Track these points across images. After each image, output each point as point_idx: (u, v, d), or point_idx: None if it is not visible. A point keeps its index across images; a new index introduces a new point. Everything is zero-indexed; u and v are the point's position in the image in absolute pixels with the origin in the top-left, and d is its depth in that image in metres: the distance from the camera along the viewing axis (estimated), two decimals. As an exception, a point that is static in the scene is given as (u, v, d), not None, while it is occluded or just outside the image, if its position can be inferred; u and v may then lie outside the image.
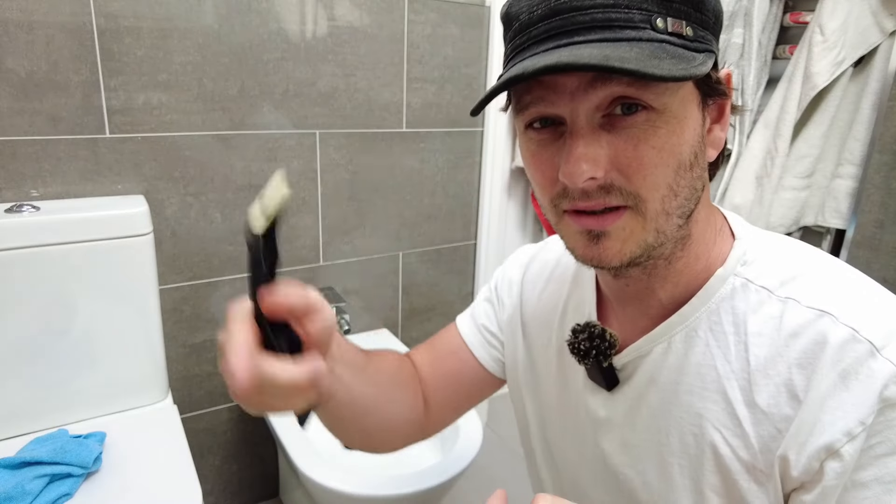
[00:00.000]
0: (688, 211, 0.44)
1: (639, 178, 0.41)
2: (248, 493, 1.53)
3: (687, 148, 0.42)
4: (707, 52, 0.42)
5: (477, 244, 1.69)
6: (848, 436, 0.40)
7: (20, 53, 1.03)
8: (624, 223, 0.43)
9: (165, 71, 1.15)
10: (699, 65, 0.40)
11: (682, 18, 0.41)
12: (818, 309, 0.43)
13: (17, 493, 0.87)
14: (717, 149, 0.47)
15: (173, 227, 1.24)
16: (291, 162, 1.34)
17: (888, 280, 1.24)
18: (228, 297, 1.35)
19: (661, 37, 0.40)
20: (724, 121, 0.47)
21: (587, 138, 0.41)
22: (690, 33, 0.41)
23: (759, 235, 0.50)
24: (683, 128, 0.42)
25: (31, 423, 1.07)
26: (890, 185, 1.21)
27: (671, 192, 0.42)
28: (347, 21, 1.32)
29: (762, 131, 1.36)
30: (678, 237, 0.46)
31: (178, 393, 1.34)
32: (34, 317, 1.02)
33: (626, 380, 0.53)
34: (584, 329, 0.53)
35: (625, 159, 0.41)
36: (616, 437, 0.54)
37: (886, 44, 1.22)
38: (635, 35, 0.39)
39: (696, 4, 0.41)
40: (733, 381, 0.46)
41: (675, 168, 0.42)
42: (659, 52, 0.39)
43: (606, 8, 0.39)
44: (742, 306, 0.46)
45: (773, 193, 1.36)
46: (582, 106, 0.41)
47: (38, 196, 1.10)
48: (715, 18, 0.44)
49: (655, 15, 0.40)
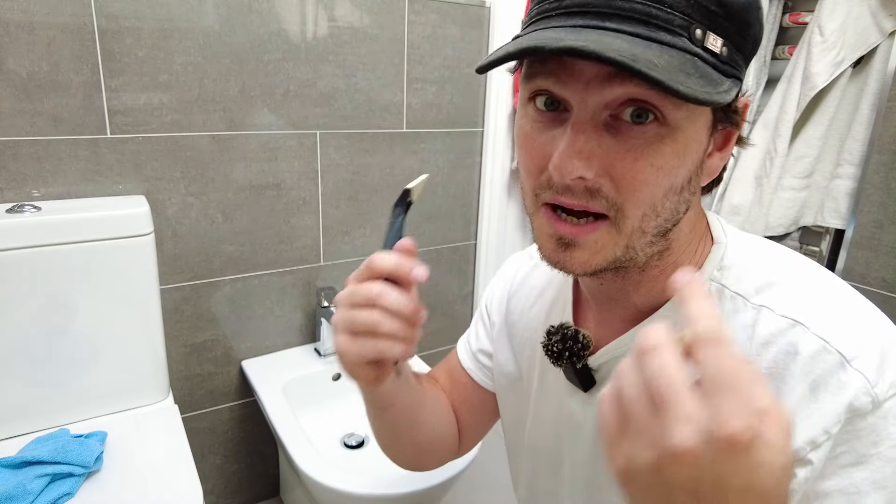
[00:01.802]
0: (664, 230, 0.43)
1: (628, 192, 0.40)
2: (249, 493, 1.53)
3: (684, 171, 0.41)
4: (735, 78, 0.40)
5: (477, 244, 1.69)
6: (812, 444, 0.40)
7: (21, 54, 1.03)
8: (598, 237, 0.41)
9: (166, 71, 1.15)
10: (724, 92, 0.37)
11: (722, 36, 0.38)
12: (791, 318, 0.43)
13: (18, 493, 0.87)
14: (710, 176, 0.45)
15: (174, 227, 1.25)
16: (292, 162, 1.34)
17: (887, 280, 1.24)
18: (229, 296, 1.35)
19: (696, 49, 0.37)
20: (726, 150, 0.45)
21: (588, 134, 0.39)
22: (725, 53, 0.39)
23: (737, 240, 0.49)
24: (687, 150, 0.40)
25: (32, 422, 1.07)
26: (889, 186, 1.21)
27: (653, 211, 0.41)
28: (348, 22, 1.32)
29: (761, 131, 1.36)
30: (652, 252, 0.45)
31: (179, 392, 1.34)
32: (36, 317, 1.02)
33: (602, 381, 0.53)
34: (557, 331, 0.53)
35: (620, 169, 0.39)
36: (593, 437, 0.54)
37: (885, 44, 1.22)
38: (670, 39, 0.37)
39: (740, 26, 0.39)
40: None
41: (665, 189, 0.40)
42: (689, 66, 0.36)
43: (649, 2, 0.37)
44: None
45: (772, 193, 1.36)
46: (593, 98, 0.38)
47: (40, 196, 1.10)
48: (752, 45, 0.41)
49: (696, 25, 0.37)
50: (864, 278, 1.27)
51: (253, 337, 1.41)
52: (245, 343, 1.41)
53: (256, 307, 1.39)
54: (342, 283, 1.56)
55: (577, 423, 0.55)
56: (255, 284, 1.38)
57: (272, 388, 1.30)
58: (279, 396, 1.27)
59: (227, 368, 1.40)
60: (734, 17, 0.38)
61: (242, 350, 1.41)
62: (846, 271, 1.30)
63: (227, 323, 1.37)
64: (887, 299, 1.23)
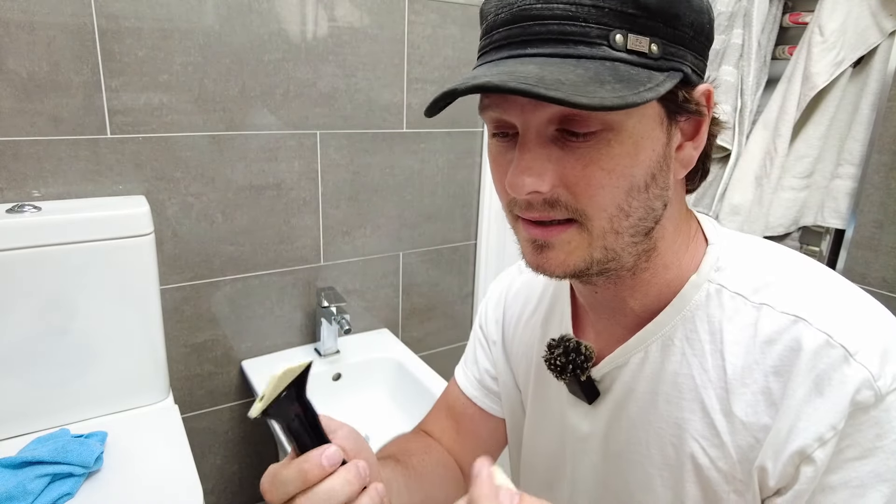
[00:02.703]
0: (644, 229, 0.43)
1: (585, 198, 0.41)
2: (249, 493, 1.53)
3: (641, 169, 0.41)
4: (673, 70, 0.40)
5: (477, 244, 1.69)
6: (819, 441, 0.40)
7: (22, 54, 1.03)
8: (569, 237, 0.42)
9: (166, 71, 1.15)
10: (649, 89, 0.37)
11: (648, 35, 0.38)
12: (792, 314, 0.43)
13: (18, 493, 0.87)
14: (686, 167, 0.45)
15: (174, 227, 1.24)
16: (292, 162, 1.34)
17: (887, 280, 1.24)
18: (229, 296, 1.35)
19: (617, 55, 0.38)
20: (698, 138, 0.44)
21: (534, 152, 0.41)
22: (656, 50, 0.39)
23: (732, 240, 0.49)
24: (639, 149, 0.40)
25: (33, 422, 1.07)
26: (889, 186, 1.21)
27: (621, 212, 0.41)
28: (348, 22, 1.32)
29: (761, 132, 1.36)
30: (638, 252, 0.45)
31: (179, 392, 1.34)
32: (36, 317, 1.02)
33: (605, 391, 0.52)
34: (559, 344, 0.52)
35: (573, 178, 0.40)
36: (599, 450, 0.53)
37: (885, 44, 1.22)
38: (588, 52, 0.38)
39: (668, 19, 0.39)
40: (710, 391, 0.45)
41: (625, 190, 0.41)
42: (606, 73, 0.37)
43: (564, 20, 0.38)
44: (717, 313, 0.46)
45: (772, 193, 1.36)
46: (532, 120, 0.40)
47: (40, 196, 1.10)
48: (695, 32, 0.41)
49: (615, 31, 0.38)
50: (865, 278, 1.27)
51: (253, 337, 1.41)
52: (245, 343, 1.41)
53: (256, 307, 1.39)
54: (343, 282, 1.56)
55: (581, 435, 0.54)
56: (255, 284, 1.38)
57: (272, 389, 1.30)
58: (279, 396, 1.27)
59: (228, 368, 1.40)
60: (657, 14, 0.39)
61: (242, 350, 1.41)
62: (846, 271, 1.30)
63: (228, 323, 1.37)
64: (888, 299, 1.23)
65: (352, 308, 1.53)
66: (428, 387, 1.33)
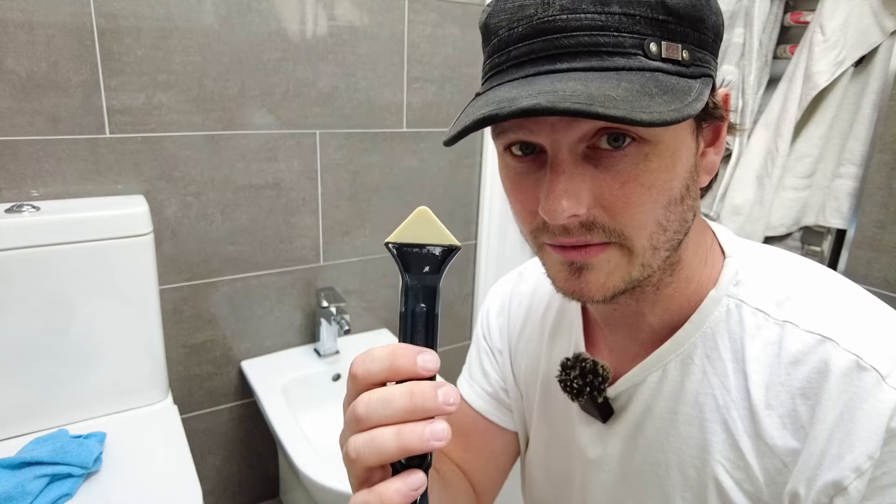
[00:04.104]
0: (677, 242, 0.42)
1: (625, 217, 0.38)
2: (249, 493, 1.53)
3: (678, 182, 0.39)
4: (704, 76, 0.39)
5: (477, 244, 1.69)
6: (857, 472, 0.38)
7: (20, 53, 1.03)
8: (609, 256, 0.40)
9: (166, 71, 1.15)
10: (695, 99, 0.36)
11: (679, 41, 0.37)
12: (818, 334, 0.41)
13: (17, 494, 0.87)
14: (710, 174, 0.44)
15: (173, 227, 1.24)
16: (291, 162, 1.34)
17: (889, 280, 1.23)
18: (228, 297, 1.35)
19: (655, 64, 0.36)
20: (719, 143, 0.43)
21: (569, 173, 0.38)
22: (687, 57, 0.37)
23: (750, 252, 0.48)
24: (676, 161, 0.39)
25: (32, 423, 1.07)
26: (891, 185, 1.21)
27: (660, 227, 0.40)
28: (347, 21, 1.32)
29: (763, 131, 1.36)
30: (666, 266, 0.43)
31: (178, 393, 1.34)
32: (34, 317, 1.02)
33: (620, 410, 0.50)
34: (574, 364, 0.50)
35: (611, 197, 0.38)
36: (614, 470, 0.52)
37: (887, 43, 1.22)
38: (625, 63, 0.35)
39: (694, 23, 0.37)
40: (734, 412, 0.44)
41: (664, 205, 0.39)
42: (651, 85, 0.35)
43: (594, 31, 0.35)
44: (738, 330, 0.44)
45: (773, 193, 1.36)
46: (564, 139, 0.38)
47: (39, 196, 1.10)
48: (715, 36, 0.40)
49: (649, 39, 0.36)
50: (866, 278, 1.26)
51: (252, 337, 1.41)
52: (244, 343, 1.40)
53: (256, 307, 1.39)
54: (342, 282, 1.56)
55: (594, 455, 0.53)
56: (254, 284, 1.37)
57: (272, 389, 1.29)
58: (279, 397, 1.27)
59: (227, 369, 1.40)
60: (685, 19, 0.37)
61: (242, 350, 1.41)
62: (848, 271, 1.29)
63: (227, 323, 1.37)
64: (889, 300, 1.22)
65: (351, 308, 1.53)
66: (428, 387, 1.32)
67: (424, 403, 0.31)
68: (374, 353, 0.33)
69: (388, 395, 0.32)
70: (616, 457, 0.51)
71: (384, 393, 0.32)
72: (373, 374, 0.33)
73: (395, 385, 0.32)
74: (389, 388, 0.32)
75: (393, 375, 0.32)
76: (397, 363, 0.32)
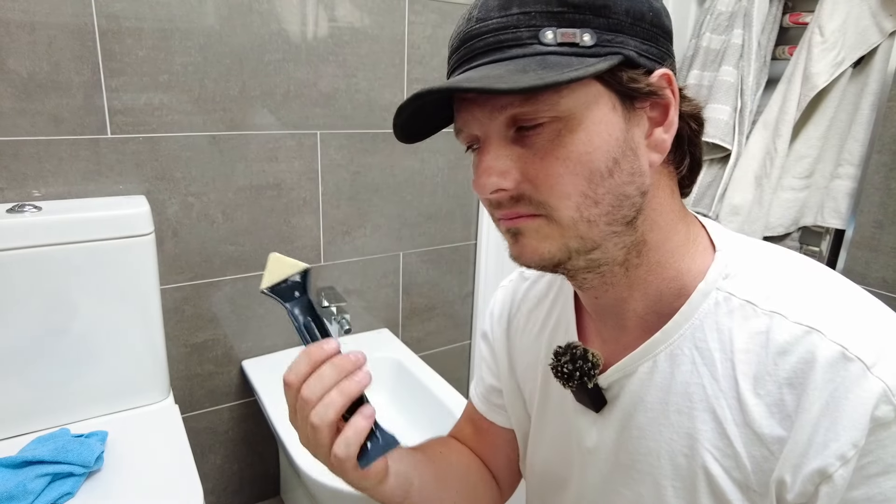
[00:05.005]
0: (622, 217, 0.44)
1: (546, 189, 0.42)
2: (249, 492, 1.53)
3: (600, 155, 0.42)
4: (612, 54, 0.41)
5: (477, 244, 1.69)
6: (842, 459, 0.39)
7: (22, 54, 1.03)
8: (538, 225, 0.44)
9: (167, 71, 1.15)
10: (577, 69, 0.39)
11: (578, 27, 0.40)
12: (805, 325, 0.42)
13: (18, 493, 0.87)
14: (660, 152, 0.45)
15: (174, 227, 1.25)
16: (292, 162, 1.34)
17: (887, 280, 1.24)
18: (229, 296, 1.35)
19: (548, 49, 0.40)
20: (668, 122, 0.44)
21: (494, 152, 0.43)
22: (588, 40, 0.40)
23: (740, 246, 0.49)
24: (591, 135, 0.41)
25: (33, 422, 1.07)
26: (889, 186, 1.21)
27: (587, 199, 0.42)
28: (348, 22, 1.32)
29: (761, 132, 1.36)
30: (625, 245, 0.45)
31: (180, 392, 1.34)
32: (36, 316, 1.03)
33: (613, 400, 0.52)
34: (565, 351, 0.52)
35: (533, 171, 0.42)
36: (609, 459, 0.53)
37: (885, 44, 1.22)
38: (520, 52, 0.41)
39: (597, 10, 0.41)
40: (722, 401, 0.45)
41: (585, 177, 0.42)
42: (533, 64, 0.39)
43: (498, 31, 0.41)
44: (727, 322, 0.45)
45: (772, 194, 1.36)
46: (490, 127, 0.43)
47: (40, 196, 1.11)
48: (633, 18, 0.42)
49: (545, 29, 0.40)
50: (865, 279, 1.27)
51: (253, 337, 1.41)
52: (245, 343, 1.41)
53: (257, 307, 1.40)
54: (343, 282, 1.56)
55: (589, 445, 0.54)
56: (255, 284, 1.38)
57: (272, 388, 1.30)
58: (280, 396, 1.27)
59: (228, 368, 1.40)
60: (583, 7, 0.41)
61: (243, 350, 1.41)
62: (846, 272, 1.30)
63: (228, 323, 1.37)
64: (888, 300, 1.23)
65: (352, 308, 1.53)
66: (428, 387, 1.33)
67: (343, 364, 0.45)
68: (294, 362, 0.46)
69: (318, 373, 0.45)
70: (610, 446, 0.52)
71: (315, 374, 0.45)
72: (301, 373, 0.45)
73: None
74: (317, 370, 0.45)
75: (315, 365, 0.45)
76: (313, 355, 0.45)
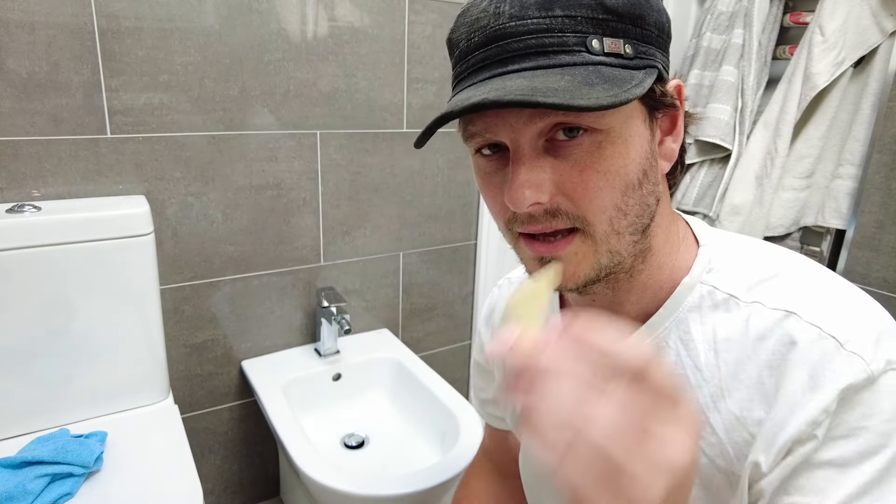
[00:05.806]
0: (641, 227, 0.44)
1: (585, 202, 0.41)
2: (249, 493, 1.53)
3: (634, 167, 0.42)
4: (649, 67, 0.41)
5: (477, 244, 1.69)
6: (812, 425, 0.40)
7: (22, 54, 1.03)
8: (575, 248, 0.43)
9: (166, 71, 1.15)
10: (635, 86, 0.39)
11: (621, 37, 0.40)
12: (783, 310, 0.43)
13: (18, 493, 0.87)
14: (669, 160, 0.46)
15: (174, 227, 1.24)
16: (292, 162, 1.34)
17: (888, 280, 1.24)
18: (229, 296, 1.35)
19: (598, 59, 0.39)
20: (676, 132, 0.46)
21: (529, 164, 0.41)
22: (630, 51, 0.40)
23: (724, 241, 0.50)
24: (629, 148, 0.42)
25: (32, 422, 1.07)
26: (890, 186, 1.21)
27: (619, 212, 0.42)
28: (348, 21, 1.32)
29: (762, 132, 1.36)
30: (636, 252, 0.45)
31: (179, 392, 1.34)
32: (35, 316, 1.02)
33: None
34: None
35: (570, 184, 0.41)
36: None
37: (886, 44, 1.22)
38: (569, 60, 0.39)
39: (635, 20, 0.41)
40: (705, 390, 0.45)
41: (621, 189, 0.42)
42: (592, 77, 0.38)
43: (540, 33, 0.39)
44: (710, 315, 0.46)
45: (772, 194, 1.36)
46: (523, 136, 0.41)
47: (40, 196, 1.10)
48: (658, 31, 0.43)
49: (591, 36, 0.39)
50: (865, 278, 1.27)
51: (253, 337, 1.41)
52: (245, 343, 1.41)
53: (256, 307, 1.39)
54: (343, 282, 1.56)
55: None
56: (255, 284, 1.38)
57: (272, 389, 1.30)
58: (279, 397, 1.27)
59: (227, 368, 1.40)
60: (625, 17, 0.40)
61: (242, 350, 1.41)
62: (847, 271, 1.30)
63: (227, 323, 1.37)
64: (888, 299, 1.23)
65: (352, 308, 1.53)
66: (428, 387, 1.33)
67: None
68: None
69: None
70: None
71: None
72: None
73: None
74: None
75: None
76: None
